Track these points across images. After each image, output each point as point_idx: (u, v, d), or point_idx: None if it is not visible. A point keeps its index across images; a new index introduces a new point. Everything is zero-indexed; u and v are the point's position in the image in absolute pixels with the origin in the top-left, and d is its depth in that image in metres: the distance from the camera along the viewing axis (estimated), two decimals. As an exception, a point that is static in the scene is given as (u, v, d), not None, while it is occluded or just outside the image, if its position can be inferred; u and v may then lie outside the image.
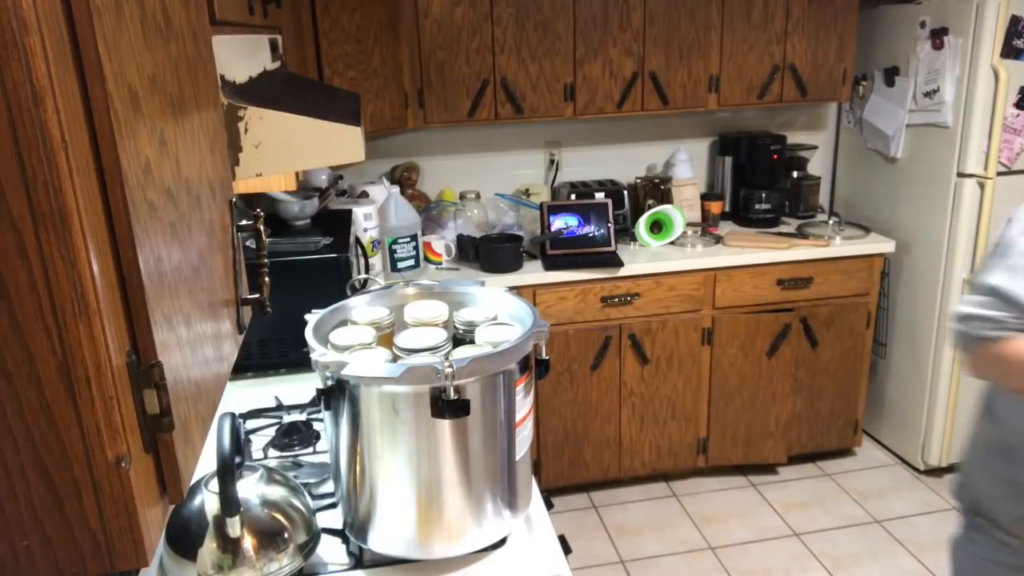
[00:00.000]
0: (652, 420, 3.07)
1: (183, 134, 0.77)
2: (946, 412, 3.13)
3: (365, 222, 2.67)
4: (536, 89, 2.92)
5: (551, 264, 2.86)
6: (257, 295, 1.04)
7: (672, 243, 3.07)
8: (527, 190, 3.32)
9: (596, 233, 2.97)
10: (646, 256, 2.97)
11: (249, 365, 2.07)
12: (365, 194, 2.90)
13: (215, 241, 0.88)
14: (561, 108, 2.96)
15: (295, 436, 1.69)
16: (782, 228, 3.25)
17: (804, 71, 3.07)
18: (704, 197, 3.31)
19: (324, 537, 1.28)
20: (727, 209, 3.37)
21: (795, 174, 3.38)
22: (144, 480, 0.61)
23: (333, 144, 1.23)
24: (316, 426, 1.72)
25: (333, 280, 2.06)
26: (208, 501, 1.16)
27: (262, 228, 1.06)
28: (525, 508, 1.35)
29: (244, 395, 1.93)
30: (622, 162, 3.41)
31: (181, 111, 0.77)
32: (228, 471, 1.10)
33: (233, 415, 1.16)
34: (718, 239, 3.11)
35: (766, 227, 3.25)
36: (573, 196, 3.11)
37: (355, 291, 1.48)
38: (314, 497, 1.39)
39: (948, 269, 3.00)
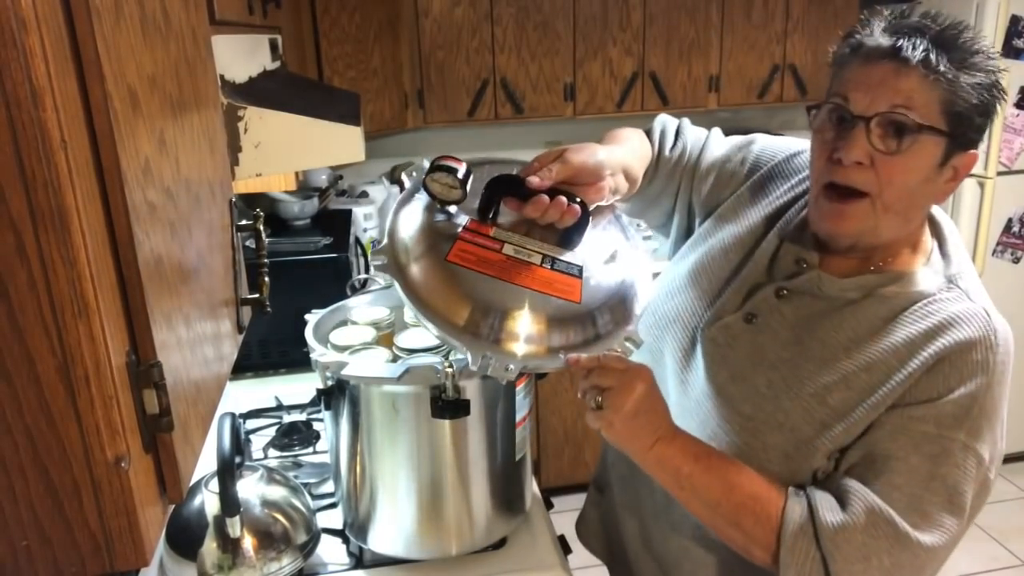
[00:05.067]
0: (652, 420, 3.07)
1: (183, 134, 0.77)
2: (946, 412, 3.12)
3: (365, 222, 2.67)
4: (536, 89, 2.92)
5: (551, 264, 2.85)
6: (257, 295, 1.04)
7: (672, 243, 3.07)
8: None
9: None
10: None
11: (249, 365, 2.07)
12: (365, 194, 2.90)
13: (215, 241, 0.88)
14: (561, 108, 2.96)
15: (295, 436, 1.68)
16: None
17: (804, 71, 3.07)
18: (704, 197, 3.31)
19: (324, 537, 1.28)
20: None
21: (795, 174, 3.38)
22: (144, 480, 0.61)
23: (333, 144, 1.22)
24: (316, 426, 1.72)
25: (333, 280, 2.06)
26: (208, 501, 1.16)
27: (262, 228, 1.06)
28: (525, 508, 1.35)
29: (244, 395, 1.93)
30: (622, 162, 3.41)
31: (181, 111, 0.77)
32: (228, 471, 1.10)
33: (233, 415, 1.16)
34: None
35: (766, 227, 3.24)
36: (573, 196, 3.10)
37: (355, 291, 1.48)
38: (314, 497, 1.39)
39: (948, 269, 3.00)
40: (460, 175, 0.96)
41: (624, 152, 1.08)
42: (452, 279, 0.94)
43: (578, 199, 0.97)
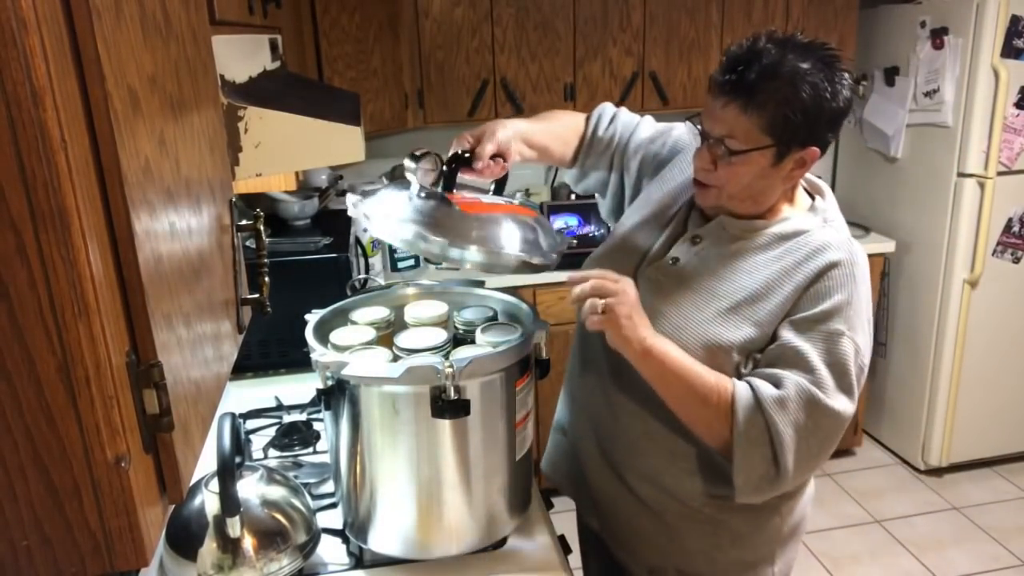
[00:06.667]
0: (652, 420, 3.07)
1: (183, 134, 0.77)
2: (946, 412, 3.13)
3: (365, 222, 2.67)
4: (536, 89, 2.92)
5: (551, 264, 2.86)
6: (257, 295, 1.04)
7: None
8: (527, 190, 3.31)
9: (596, 233, 2.97)
10: (646, 256, 2.96)
11: (249, 365, 2.07)
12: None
13: (215, 241, 0.88)
14: (561, 108, 2.95)
15: (295, 436, 1.69)
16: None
17: (804, 71, 3.07)
18: (704, 197, 3.31)
19: (324, 537, 1.28)
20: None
21: (795, 174, 3.38)
22: (144, 480, 0.61)
23: (333, 144, 1.23)
24: (316, 426, 1.72)
25: (333, 280, 2.06)
26: (208, 501, 1.16)
27: (262, 228, 1.06)
28: (525, 508, 1.35)
29: (244, 395, 1.93)
30: (622, 162, 3.41)
31: (181, 111, 0.77)
32: (228, 471, 1.10)
33: (233, 415, 1.16)
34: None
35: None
36: (573, 196, 3.11)
37: (355, 291, 1.48)
38: (314, 497, 1.39)
39: (948, 269, 3.00)
40: (441, 158, 1.25)
41: (527, 126, 1.38)
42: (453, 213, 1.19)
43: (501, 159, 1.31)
